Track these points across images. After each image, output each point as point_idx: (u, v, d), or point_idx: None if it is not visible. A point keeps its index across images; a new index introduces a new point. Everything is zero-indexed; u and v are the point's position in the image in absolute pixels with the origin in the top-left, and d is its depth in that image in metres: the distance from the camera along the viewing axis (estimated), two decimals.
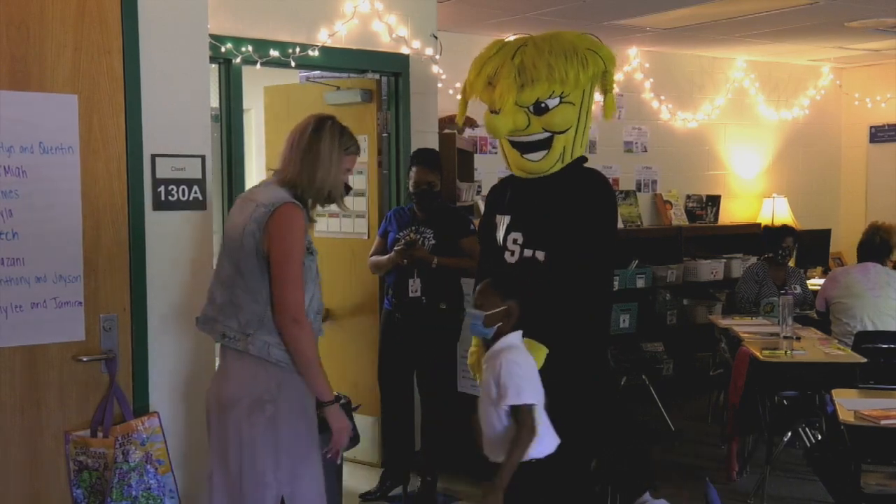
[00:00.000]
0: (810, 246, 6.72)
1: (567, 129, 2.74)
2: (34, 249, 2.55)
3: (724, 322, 4.85)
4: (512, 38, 2.85)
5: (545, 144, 2.74)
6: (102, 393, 2.64)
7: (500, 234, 2.83)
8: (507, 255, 2.78)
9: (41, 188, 2.56)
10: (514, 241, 2.77)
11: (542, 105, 2.70)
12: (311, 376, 2.35)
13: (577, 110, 2.75)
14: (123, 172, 2.69)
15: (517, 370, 2.44)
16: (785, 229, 5.35)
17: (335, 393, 3.10)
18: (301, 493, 2.35)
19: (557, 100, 2.70)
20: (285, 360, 2.33)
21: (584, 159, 2.85)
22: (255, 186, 2.53)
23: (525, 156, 2.77)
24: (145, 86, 2.70)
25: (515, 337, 2.54)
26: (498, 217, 2.87)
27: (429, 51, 4.36)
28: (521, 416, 2.40)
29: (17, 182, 2.52)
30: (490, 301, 2.53)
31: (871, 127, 7.41)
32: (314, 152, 2.36)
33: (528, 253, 2.72)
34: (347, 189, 2.47)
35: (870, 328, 4.36)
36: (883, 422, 2.95)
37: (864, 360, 3.86)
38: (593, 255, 2.67)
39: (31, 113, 2.54)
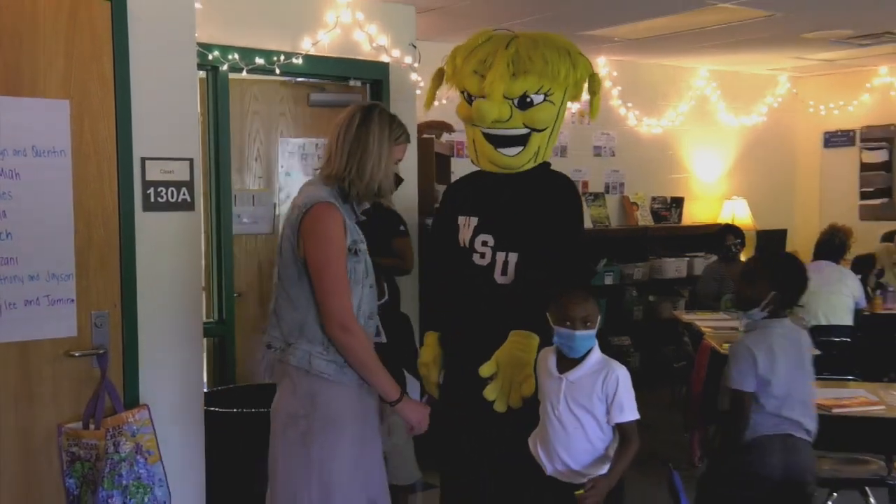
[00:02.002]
0: (767, 245, 6.94)
1: (545, 129, 2.71)
2: (28, 249, 2.57)
3: (688, 317, 4.97)
4: (498, 31, 2.75)
5: (522, 140, 2.69)
6: (94, 387, 2.66)
7: (466, 237, 2.74)
8: (475, 258, 2.70)
9: (34, 190, 2.58)
10: (485, 244, 2.69)
11: (528, 100, 2.65)
12: (372, 380, 2.19)
13: (556, 111, 2.71)
14: (114, 175, 2.71)
15: (629, 384, 2.36)
16: (726, 228, 5.53)
17: None
18: None
19: (542, 97, 2.66)
20: (328, 370, 2.17)
21: (548, 164, 2.82)
22: (303, 186, 2.35)
23: (500, 150, 2.70)
24: (135, 92, 2.72)
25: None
26: (461, 219, 2.77)
27: (408, 59, 4.44)
28: (631, 430, 2.37)
29: (11, 184, 2.55)
30: (593, 311, 2.38)
31: (824, 133, 7.60)
32: (362, 144, 2.21)
33: (500, 255, 2.66)
34: (399, 181, 2.29)
35: (823, 323, 4.50)
36: (835, 410, 3.02)
37: (819, 352, 3.99)
38: (560, 256, 2.64)
39: (25, 117, 2.56)
